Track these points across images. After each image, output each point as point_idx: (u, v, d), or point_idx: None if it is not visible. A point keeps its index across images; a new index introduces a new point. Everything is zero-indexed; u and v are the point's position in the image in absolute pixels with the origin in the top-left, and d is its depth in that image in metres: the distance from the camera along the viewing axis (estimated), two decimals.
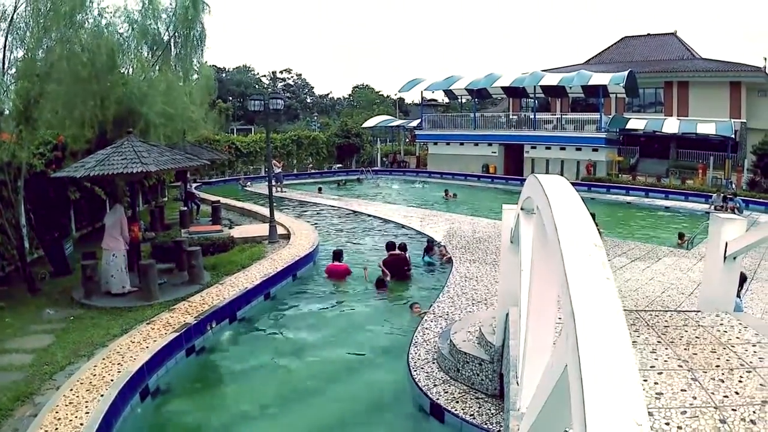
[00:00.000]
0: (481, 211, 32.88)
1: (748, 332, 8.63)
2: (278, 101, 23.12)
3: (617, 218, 33.37)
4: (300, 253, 19.61)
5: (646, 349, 7.75)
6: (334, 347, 13.35)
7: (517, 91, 58.41)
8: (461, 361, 10.36)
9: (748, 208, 35.55)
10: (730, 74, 56.25)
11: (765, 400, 6.31)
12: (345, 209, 33.34)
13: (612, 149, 53.19)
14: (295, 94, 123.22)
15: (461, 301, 14.96)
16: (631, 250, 21.50)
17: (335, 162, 63.58)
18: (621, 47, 72.75)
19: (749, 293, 16.01)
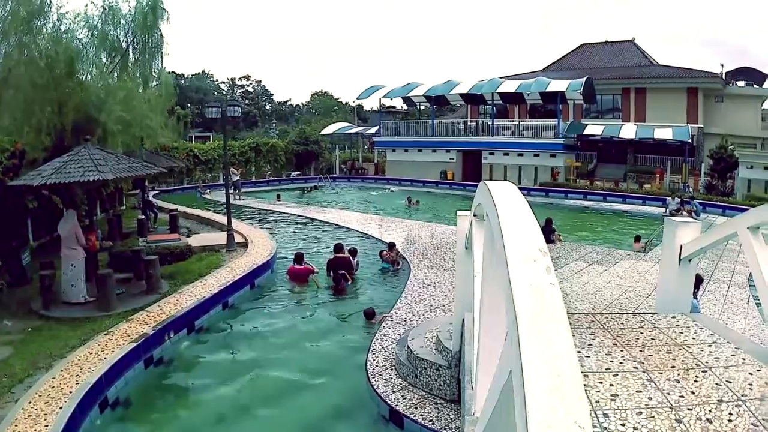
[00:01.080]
0: (439, 218, 32.90)
1: (704, 333, 8.70)
2: (235, 108, 22.91)
3: (575, 223, 33.56)
4: (258, 262, 19.45)
5: (601, 351, 7.77)
6: (292, 356, 13.24)
7: (475, 97, 58.68)
8: (419, 367, 10.32)
9: (705, 211, 36.08)
10: (687, 80, 57.48)
11: (721, 399, 6.35)
12: (304, 216, 33.16)
13: (570, 155, 53.64)
14: (254, 101, 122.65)
15: (419, 308, 14.91)
16: (588, 254, 21.64)
17: (294, 169, 63.18)
18: (579, 54, 73.58)
19: (706, 294, 16.23)
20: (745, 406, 6.21)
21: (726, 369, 7.29)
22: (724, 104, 58.75)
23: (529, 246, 3.46)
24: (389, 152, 62.84)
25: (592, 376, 6.82)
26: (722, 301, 15.72)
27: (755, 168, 45.15)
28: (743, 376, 7.10)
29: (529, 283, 3.09)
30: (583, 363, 7.26)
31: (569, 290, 15.97)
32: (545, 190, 48.71)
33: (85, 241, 15.58)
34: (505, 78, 60.82)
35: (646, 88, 59.20)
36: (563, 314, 2.85)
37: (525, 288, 3.05)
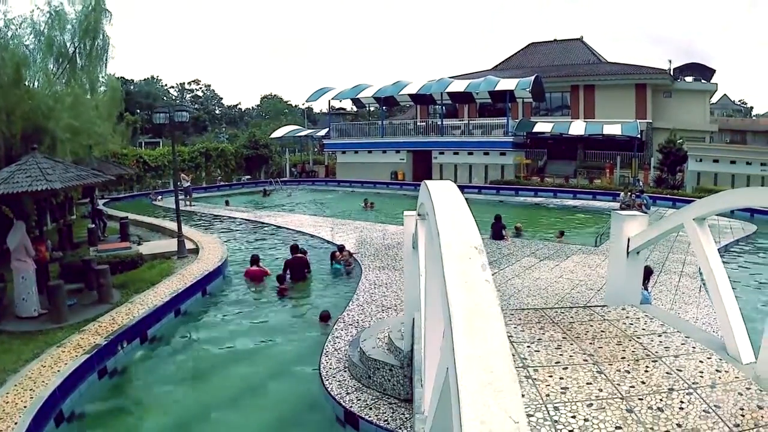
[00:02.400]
0: (391, 218, 32.83)
1: (653, 323, 8.77)
2: (183, 113, 22.60)
3: (526, 219, 33.65)
4: (209, 268, 19.22)
5: (551, 345, 7.77)
6: (246, 361, 13.09)
7: (424, 98, 58.73)
8: (372, 368, 10.25)
9: (655, 204, 36.51)
10: (635, 77, 58.40)
11: (672, 388, 6.42)
12: (255, 221, 32.88)
13: (519, 152, 53.87)
14: (204, 105, 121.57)
15: (371, 309, 14.81)
16: (539, 250, 21.71)
17: (244, 174, 62.72)
18: (528, 53, 74.27)
19: (658, 285, 16.41)
20: (696, 394, 6.29)
21: (676, 358, 7.38)
22: (672, 99, 59.82)
23: (464, 243, 3.50)
24: (339, 154, 62.44)
25: (542, 370, 6.82)
26: (674, 292, 15.85)
27: (704, 161, 45.98)
28: (694, 364, 7.20)
29: (464, 280, 3.12)
30: (533, 357, 7.27)
31: (521, 286, 16.00)
32: (496, 187, 49.01)
33: (34, 253, 15.29)
34: (454, 78, 61.10)
35: (594, 85, 59.89)
36: (497, 310, 2.86)
37: (459, 285, 3.07)
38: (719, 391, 6.43)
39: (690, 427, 5.62)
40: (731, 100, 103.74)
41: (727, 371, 7.02)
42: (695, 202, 9.14)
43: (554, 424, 5.56)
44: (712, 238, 8.64)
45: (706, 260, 8.25)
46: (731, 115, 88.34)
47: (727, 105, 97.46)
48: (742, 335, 7.51)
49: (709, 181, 44.57)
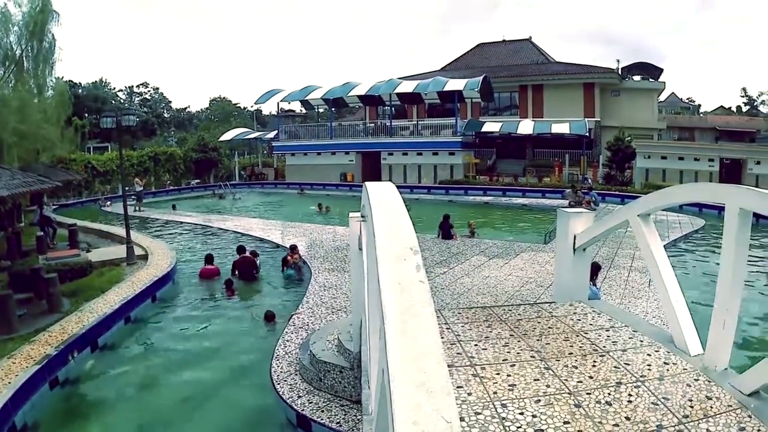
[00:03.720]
0: (341, 220, 32.73)
1: (601, 318, 8.80)
2: (130, 117, 22.35)
3: (475, 219, 33.77)
4: (158, 274, 18.99)
5: (498, 343, 7.74)
6: (197, 367, 12.92)
7: (373, 99, 58.87)
8: (322, 371, 10.18)
9: (604, 201, 36.90)
10: (583, 76, 59.32)
11: (620, 382, 6.43)
12: (205, 225, 32.60)
13: (468, 152, 54.19)
14: (153, 108, 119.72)
15: (321, 311, 14.71)
16: (489, 248, 21.76)
17: (193, 178, 62.04)
18: (477, 53, 74.66)
19: (608, 280, 16.57)
20: (644, 387, 6.32)
21: (624, 352, 7.41)
22: (620, 98, 60.84)
23: (399, 245, 3.48)
24: (288, 156, 62.30)
25: (490, 368, 6.79)
26: (623, 286, 16.01)
27: (652, 158, 46.80)
28: (642, 357, 7.22)
29: (398, 281, 3.10)
30: (481, 356, 7.23)
31: (471, 285, 16.01)
32: (445, 187, 49.28)
33: None
34: (403, 79, 61.21)
35: (543, 84, 60.57)
36: (431, 311, 2.83)
37: (393, 286, 3.07)
38: (667, 383, 6.44)
39: (639, 419, 5.61)
40: (679, 98, 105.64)
41: (675, 363, 7.04)
42: (639, 199, 9.23)
43: (502, 422, 5.50)
44: (657, 233, 8.70)
45: (651, 255, 8.31)
46: (679, 113, 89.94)
47: (675, 103, 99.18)
48: (689, 328, 7.55)
49: (658, 177, 45.32)
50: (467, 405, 5.81)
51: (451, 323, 8.65)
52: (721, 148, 49.66)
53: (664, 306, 8.12)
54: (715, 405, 5.95)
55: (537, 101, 60.65)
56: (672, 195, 8.77)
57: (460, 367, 6.82)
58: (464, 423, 5.44)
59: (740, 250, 6.73)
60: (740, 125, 71.92)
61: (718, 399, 6.09)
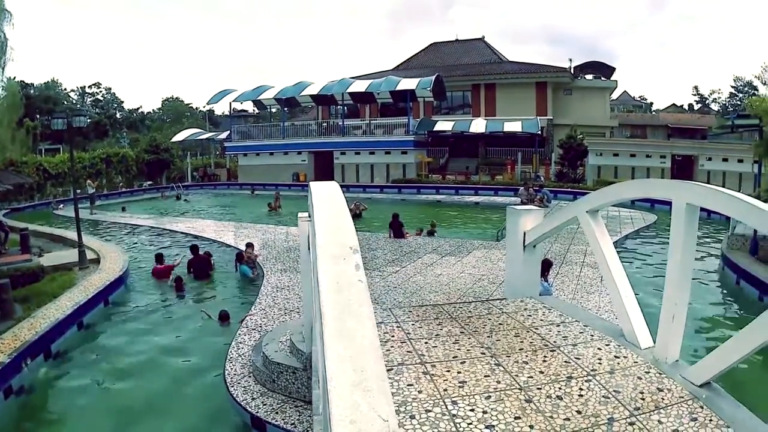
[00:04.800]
0: (293, 221, 32.57)
1: (552, 314, 8.85)
2: (81, 118, 22.03)
3: (428, 217, 33.83)
4: (111, 278, 18.73)
5: (449, 340, 7.72)
6: (151, 372, 12.74)
7: (326, 98, 58.61)
8: (275, 372, 10.10)
9: (556, 198, 37.10)
10: (535, 75, 60.20)
11: (570, 376, 6.46)
12: (157, 228, 32.21)
13: (421, 151, 54.42)
14: (105, 109, 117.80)
15: (273, 312, 14.57)
16: (441, 246, 21.77)
17: (146, 179, 61.16)
18: (429, 53, 74.96)
19: (560, 276, 16.65)
20: (595, 381, 6.36)
21: (575, 347, 7.46)
22: (573, 96, 61.79)
23: (339, 244, 3.50)
24: (241, 157, 61.81)
25: (440, 366, 6.77)
26: (576, 282, 16.08)
27: (605, 155, 47.52)
28: (592, 351, 7.28)
29: (336, 280, 3.14)
30: (431, 353, 7.21)
31: (423, 283, 15.99)
32: (398, 186, 49.45)
33: None
34: (356, 78, 61.21)
35: (495, 83, 61.03)
36: (369, 310, 2.85)
37: (332, 285, 3.10)
38: (618, 377, 6.49)
39: (590, 413, 5.64)
40: (631, 96, 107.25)
41: (625, 357, 7.11)
42: (588, 195, 9.31)
43: (453, 418, 5.48)
44: (606, 229, 8.77)
45: (600, 250, 8.38)
46: (631, 111, 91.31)
47: (627, 101, 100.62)
48: (639, 321, 7.61)
49: (610, 174, 45.98)
50: (417, 403, 5.77)
51: (401, 321, 8.61)
52: (673, 145, 50.47)
53: (614, 300, 8.18)
54: (666, 397, 6.01)
55: (490, 100, 61.09)
56: (620, 191, 8.83)
57: (410, 365, 6.78)
58: (415, 420, 5.40)
59: (688, 245, 6.78)
60: (692, 123, 73.01)
61: (669, 391, 6.15)
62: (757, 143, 19.72)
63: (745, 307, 15.83)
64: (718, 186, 6.69)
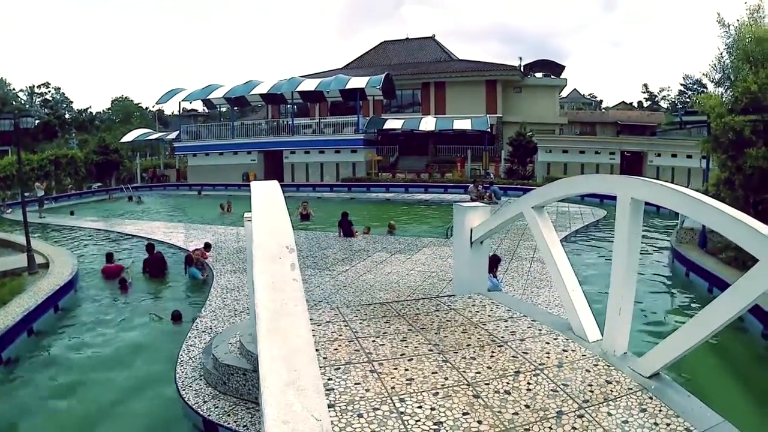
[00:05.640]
0: (243, 221, 32.31)
1: (500, 309, 8.89)
2: (29, 119, 21.75)
3: (377, 215, 33.86)
4: (60, 282, 18.43)
5: (396, 338, 7.71)
6: (103, 377, 12.54)
7: (275, 97, 58.18)
8: (226, 374, 10.00)
9: (506, 194, 37.38)
10: (485, 73, 60.67)
11: (518, 371, 6.49)
12: (107, 230, 31.80)
13: (371, 149, 54.41)
14: (54, 109, 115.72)
15: (223, 314, 14.41)
16: (391, 244, 21.80)
17: (95, 181, 60.28)
18: (380, 51, 75.06)
19: (510, 272, 16.72)
20: (543, 375, 6.41)
21: (522, 341, 7.50)
22: (522, 94, 62.27)
23: (275, 243, 3.53)
24: (190, 157, 61.23)
25: (387, 363, 6.75)
26: (525, 277, 16.16)
27: (554, 152, 48.06)
28: (540, 346, 7.33)
29: (271, 280, 3.17)
30: (379, 351, 7.19)
31: (373, 281, 15.95)
32: (347, 185, 49.41)
33: None
34: (306, 77, 60.89)
35: (445, 82, 61.36)
36: (303, 309, 2.88)
37: (267, 285, 3.14)
38: (566, 370, 6.55)
39: (538, 407, 5.67)
40: (581, 94, 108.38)
41: (573, 350, 7.17)
42: (533, 191, 9.38)
43: (401, 416, 5.45)
44: (552, 224, 8.83)
45: (546, 246, 8.45)
46: (581, 108, 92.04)
47: (577, 99, 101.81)
48: (586, 315, 7.66)
49: (559, 170, 46.47)
50: (365, 401, 5.73)
51: (349, 320, 8.57)
52: (622, 142, 51.27)
53: (561, 295, 8.23)
54: (615, 389, 6.07)
55: (439, 98, 61.40)
56: (565, 187, 8.88)
57: (357, 363, 6.74)
58: (363, 419, 5.37)
59: (633, 239, 6.84)
60: (641, 120, 74.13)
61: (618, 383, 6.21)
62: (705, 139, 20.01)
63: (695, 299, 16.03)
64: (667, 181, 6.76)
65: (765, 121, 16.84)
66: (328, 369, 6.52)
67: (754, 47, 17.73)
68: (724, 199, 17.31)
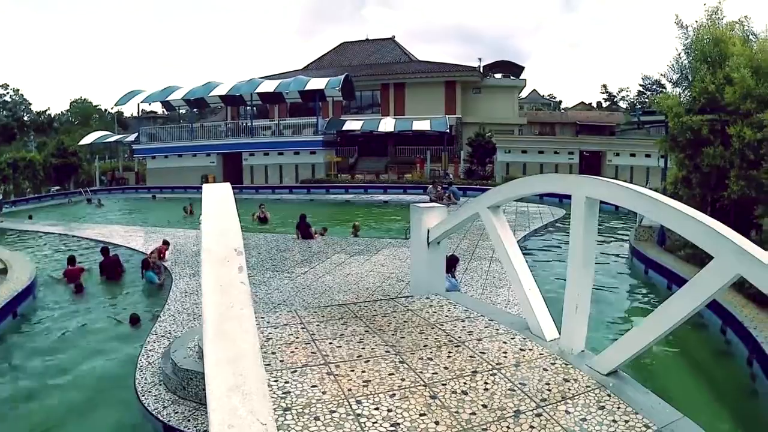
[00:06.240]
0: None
1: (457, 309, 8.93)
2: None
3: (337, 217, 33.86)
4: (18, 288, 18.21)
5: (353, 340, 7.69)
6: (61, 383, 12.35)
7: (234, 99, 58.08)
8: (185, 379, 9.90)
9: (465, 195, 37.36)
10: (444, 74, 61.09)
11: (475, 371, 6.49)
12: (66, 234, 31.39)
13: (330, 151, 54.52)
14: (13, 111, 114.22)
15: (182, 318, 14.24)
16: (350, 246, 21.73)
17: (54, 184, 59.43)
18: (339, 52, 75.16)
19: (469, 272, 16.73)
20: (500, 374, 6.41)
21: (480, 341, 7.51)
22: (482, 95, 62.78)
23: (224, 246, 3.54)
24: (149, 160, 60.62)
25: (344, 366, 6.72)
26: (485, 277, 16.15)
27: (513, 152, 48.56)
28: (497, 345, 7.34)
29: (219, 283, 3.20)
30: (335, 353, 7.15)
31: (332, 283, 15.89)
32: (307, 187, 49.35)
33: None
34: (265, 78, 60.81)
35: (405, 83, 61.67)
36: (250, 312, 2.89)
37: (215, 288, 3.17)
38: (524, 369, 6.56)
39: (496, 406, 5.68)
40: (540, 94, 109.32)
41: (531, 349, 7.20)
42: (488, 191, 9.44)
43: (357, 418, 5.42)
44: (507, 224, 8.89)
45: (502, 245, 8.51)
46: (540, 109, 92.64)
47: (536, 99, 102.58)
48: (543, 314, 7.70)
49: (518, 170, 46.92)
50: (322, 404, 5.69)
51: (306, 323, 8.52)
52: (581, 142, 51.89)
53: (517, 294, 8.27)
54: (573, 387, 6.11)
55: (399, 99, 61.64)
56: (519, 187, 8.94)
57: (314, 366, 6.70)
58: (319, 422, 5.32)
59: (588, 237, 6.88)
60: (600, 120, 75.06)
61: (576, 381, 6.25)
62: (663, 138, 20.26)
63: (655, 296, 16.16)
64: (627, 180, 6.82)
65: (722, 121, 17.08)
66: (284, 372, 6.48)
67: (711, 48, 17.96)
68: (682, 197, 17.55)
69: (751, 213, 16.37)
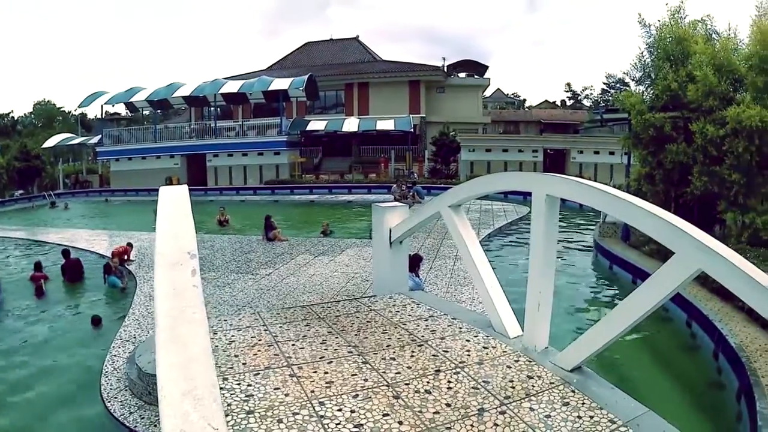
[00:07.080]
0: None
1: (420, 308, 8.93)
2: None
3: (301, 217, 33.82)
4: None
5: (316, 341, 7.67)
6: (25, 390, 12.25)
7: (198, 100, 57.69)
8: (151, 383, 9.79)
9: (429, 194, 37.29)
10: (408, 74, 61.28)
11: (438, 369, 6.51)
12: (27, 239, 31.12)
13: (294, 151, 54.39)
14: None
15: (147, 322, 14.08)
16: (314, 246, 21.66)
17: (17, 188, 58.69)
18: (303, 52, 74.99)
19: (433, 270, 16.74)
20: (464, 372, 6.44)
21: (443, 340, 7.53)
22: (446, 94, 63.14)
23: (177, 249, 3.49)
24: (113, 162, 59.72)
25: (307, 367, 6.70)
26: (449, 276, 16.16)
27: (477, 151, 48.68)
28: (460, 344, 7.36)
29: (172, 287, 3.14)
30: (298, 355, 7.14)
31: (296, 284, 15.81)
32: (271, 187, 49.09)
33: None
34: (229, 78, 60.38)
35: (369, 82, 61.74)
36: (203, 316, 2.86)
37: (167, 291, 3.11)
38: (487, 367, 6.59)
39: (460, 405, 5.69)
40: (505, 93, 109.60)
41: (494, 347, 7.22)
42: (449, 190, 9.48)
43: (320, 420, 5.41)
44: (468, 222, 8.92)
45: (463, 244, 8.54)
46: (504, 108, 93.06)
47: (500, 98, 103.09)
48: (506, 311, 7.72)
49: (483, 169, 47.05)
50: (284, 406, 5.67)
51: (269, 324, 8.48)
52: (545, 140, 52.33)
53: (480, 292, 8.29)
54: (537, 383, 6.15)
55: (363, 99, 61.64)
56: (480, 185, 9.01)
57: (277, 368, 6.67)
58: (282, 424, 5.30)
59: (549, 235, 6.91)
60: (564, 118, 75.77)
61: (539, 377, 6.29)
62: (626, 136, 20.49)
63: (619, 292, 16.25)
64: (590, 178, 6.83)
65: (685, 118, 17.26)
66: (247, 375, 6.45)
67: (674, 46, 18.16)
68: (645, 193, 17.71)
69: (714, 208, 16.54)
